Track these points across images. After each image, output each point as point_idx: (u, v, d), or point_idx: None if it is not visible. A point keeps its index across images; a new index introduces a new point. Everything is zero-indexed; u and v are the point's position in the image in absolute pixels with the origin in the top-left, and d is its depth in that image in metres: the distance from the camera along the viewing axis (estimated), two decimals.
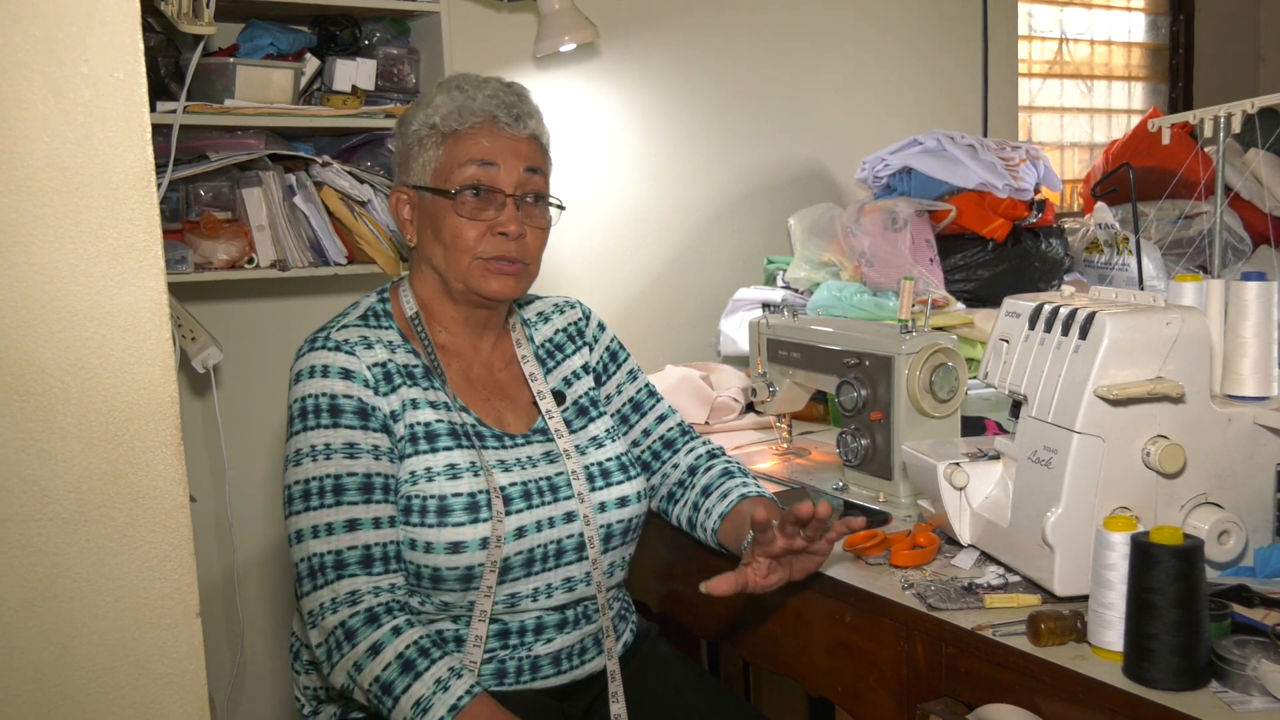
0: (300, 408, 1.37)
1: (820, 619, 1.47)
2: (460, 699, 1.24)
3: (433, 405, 1.41)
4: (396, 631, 1.28)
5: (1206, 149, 2.56)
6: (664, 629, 1.65)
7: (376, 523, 1.34)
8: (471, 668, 1.37)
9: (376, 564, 1.33)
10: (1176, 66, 3.91)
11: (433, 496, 1.36)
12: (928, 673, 1.30)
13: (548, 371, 1.55)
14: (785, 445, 2.07)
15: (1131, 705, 1.07)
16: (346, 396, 1.36)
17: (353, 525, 1.33)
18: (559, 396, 1.53)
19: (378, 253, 2.00)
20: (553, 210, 1.49)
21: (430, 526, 1.35)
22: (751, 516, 1.32)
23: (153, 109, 1.76)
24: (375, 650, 1.27)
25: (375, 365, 1.39)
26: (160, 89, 1.83)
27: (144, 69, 0.88)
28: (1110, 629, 1.13)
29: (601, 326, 1.63)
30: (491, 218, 1.42)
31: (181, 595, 0.92)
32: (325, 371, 1.37)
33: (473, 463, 1.39)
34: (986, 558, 1.43)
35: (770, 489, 1.75)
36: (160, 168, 1.78)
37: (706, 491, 1.55)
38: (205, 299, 2.10)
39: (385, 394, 1.38)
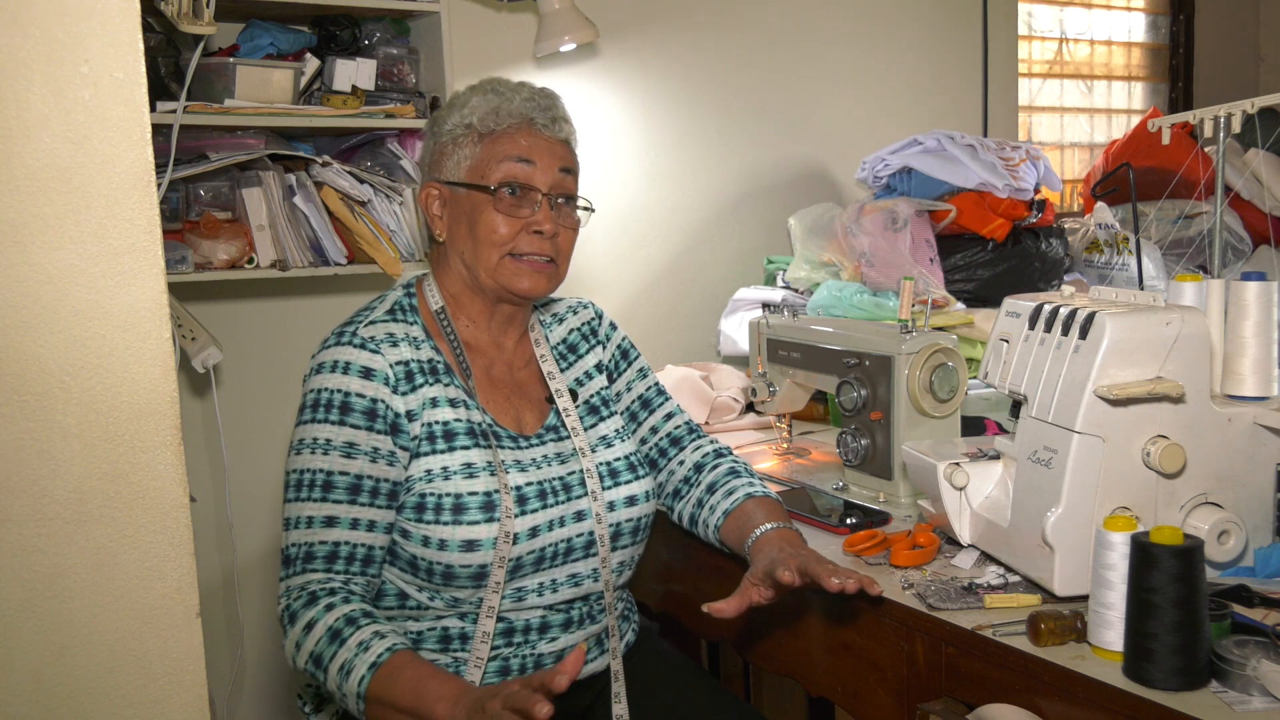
0: (314, 399, 1.38)
1: (820, 619, 1.47)
2: (380, 656, 1.25)
3: (452, 404, 1.42)
4: (329, 608, 1.29)
5: (1206, 149, 2.56)
6: (664, 629, 1.66)
7: (355, 524, 1.35)
8: (478, 664, 1.37)
9: (339, 562, 1.34)
10: (1176, 66, 3.91)
11: (448, 494, 1.36)
12: (928, 673, 1.30)
13: (563, 370, 1.56)
14: (785, 445, 2.07)
15: (1131, 705, 1.07)
16: (360, 395, 1.37)
17: (330, 522, 1.34)
18: (571, 395, 1.54)
19: (378, 253, 2.00)
20: (581, 213, 1.51)
21: (445, 524, 1.35)
22: (777, 579, 1.31)
23: (153, 109, 1.76)
24: (309, 627, 1.29)
25: (399, 363, 1.40)
26: (160, 89, 1.83)
27: (144, 69, 0.88)
28: (1110, 629, 1.13)
29: (613, 325, 1.65)
30: (527, 215, 1.43)
31: (181, 595, 0.92)
32: (346, 368, 1.38)
33: (489, 462, 1.40)
34: (986, 558, 1.43)
35: (771, 489, 1.75)
36: (160, 168, 1.78)
37: (712, 489, 1.56)
38: (205, 299, 2.10)
39: (405, 393, 1.39)
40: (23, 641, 0.87)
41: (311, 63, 1.99)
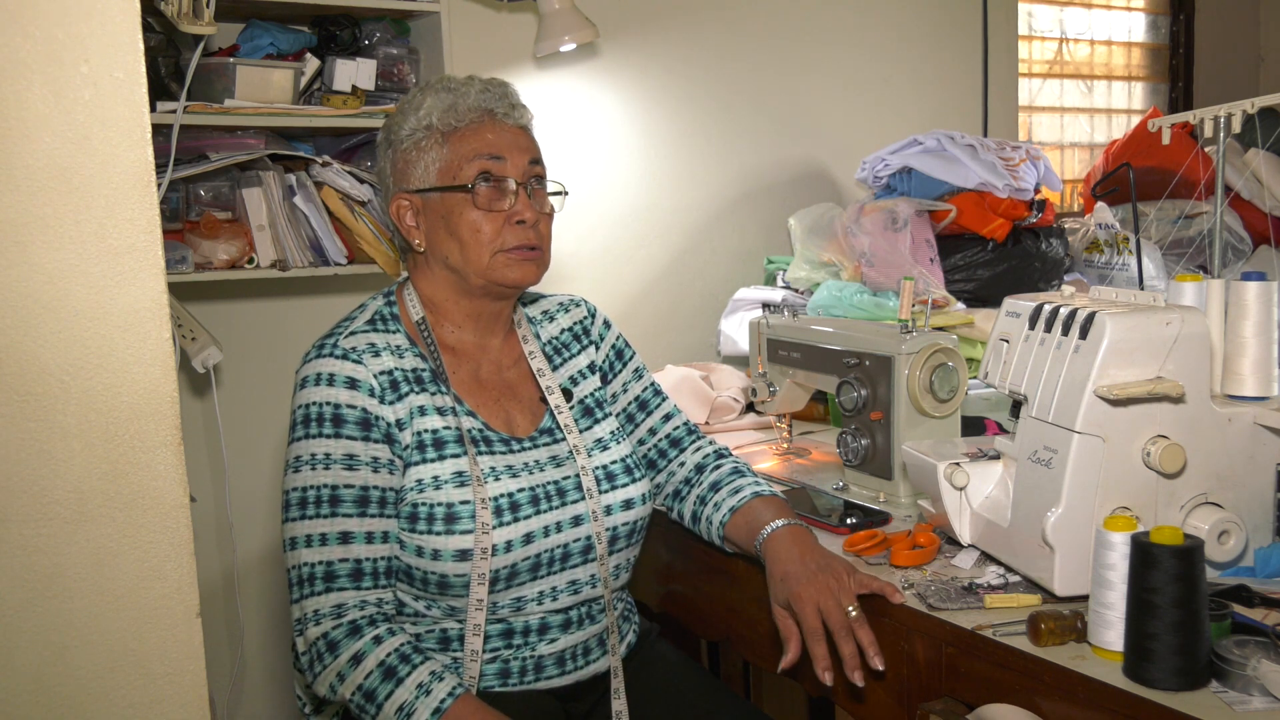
0: (304, 414, 1.36)
1: None
2: (443, 701, 1.25)
3: (440, 412, 1.40)
4: (378, 640, 1.29)
5: (1206, 149, 2.56)
6: (664, 629, 1.66)
7: (369, 537, 1.34)
8: (470, 682, 1.37)
9: (366, 578, 1.33)
10: (1176, 66, 3.91)
11: (440, 504, 1.36)
12: (928, 673, 1.30)
13: (554, 369, 1.55)
14: (785, 445, 2.07)
15: (1131, 705, 1.07)
16: (350, 406, 1.35)
17: (346, 538, 1.33)
18: (565, 394, 1.53)
19: (378, 253, 2.00)
20: (555, 198, 1.50)
21: (438, 534, 1.35)
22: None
23: (153, 109, 1.76)
24: (357, 660, 1.28)
25: (382, 373, 1.38)
26: (160, 89, 1.83)
27: (144, 69, 0.88)
28: (1110, 629, 1.13)
29: (607, 324, 1.63)
30: (507, 207, 1.42)
31: (181, 595, 0.92)
32: (331, 380, 1.36)
33: (482, 470, 1.39)
34: (986, 558, 1.43)
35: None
36: (160, 168, 1.78)
37: (716, 487, 1.55)
38: (205, 299, 2.11)
39: (391, 402, 1.38)
40: (23, 641, 0.87)
41: (311, 63, 1.99)
